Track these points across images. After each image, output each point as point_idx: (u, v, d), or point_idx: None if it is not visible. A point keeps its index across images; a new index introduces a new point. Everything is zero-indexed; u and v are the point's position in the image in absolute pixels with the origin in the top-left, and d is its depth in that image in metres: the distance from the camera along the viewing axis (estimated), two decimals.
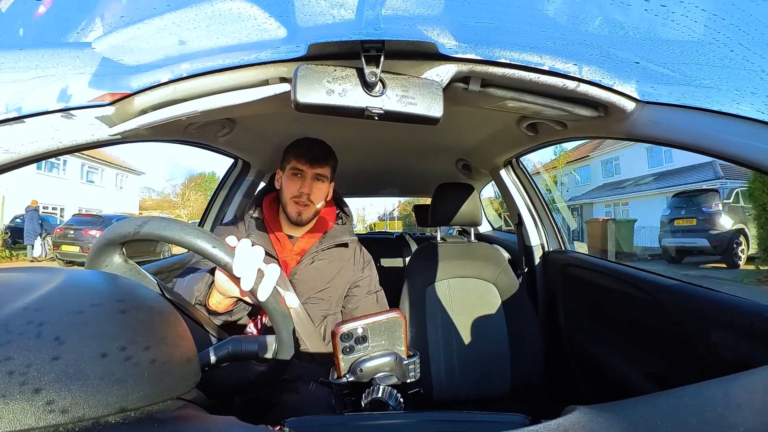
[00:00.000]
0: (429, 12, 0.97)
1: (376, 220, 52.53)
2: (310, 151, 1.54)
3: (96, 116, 1.01)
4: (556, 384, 2.19)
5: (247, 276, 0.74)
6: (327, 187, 1.61)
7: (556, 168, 30.63)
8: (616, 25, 0.94)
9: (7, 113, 0.93)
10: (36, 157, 1.02)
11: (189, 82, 1.03)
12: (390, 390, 0.72)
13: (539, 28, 1.02)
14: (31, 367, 0.41)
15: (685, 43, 0.89)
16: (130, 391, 0.45)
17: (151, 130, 1.16)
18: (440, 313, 1.98)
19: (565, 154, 30.80)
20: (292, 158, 1.54)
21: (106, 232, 0.75)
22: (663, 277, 1.57)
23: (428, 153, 2.78)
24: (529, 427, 0.46)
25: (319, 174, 1.55)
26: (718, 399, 0.48)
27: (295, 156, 1.54)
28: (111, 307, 0.52)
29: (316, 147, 1.58)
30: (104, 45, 0.97)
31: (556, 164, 30.67)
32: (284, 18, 0.94)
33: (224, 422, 0.48)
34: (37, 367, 0.41)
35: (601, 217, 19.68)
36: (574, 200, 28.95)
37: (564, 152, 30.72)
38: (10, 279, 0.54)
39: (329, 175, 1.60)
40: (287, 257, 1.57)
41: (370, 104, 0.91)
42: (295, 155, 1.54)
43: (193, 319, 0.82)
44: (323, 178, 1.57)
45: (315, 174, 1.54)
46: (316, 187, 1.55)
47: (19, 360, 0.41)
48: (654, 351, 1.54)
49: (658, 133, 1.05)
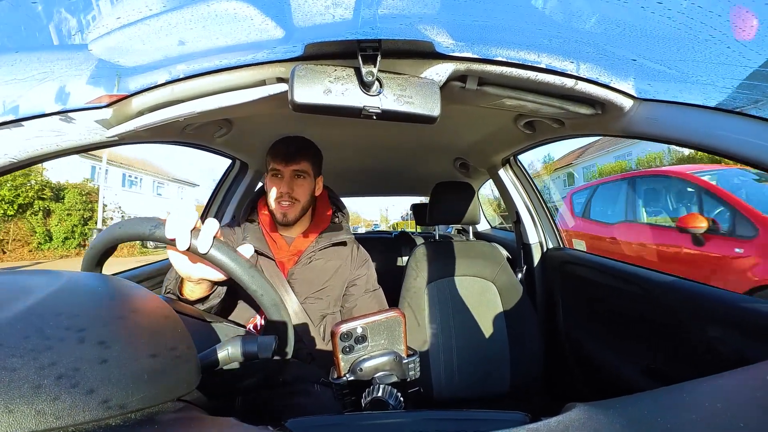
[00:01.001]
0: (425, 11, 0.97)
1: (399, 220, 52.72)
2: (283, 150, 1.53)
3: (94, 119, 1.01)
4: (556, 381, 2.19)
5: (180, 235, 0.75)
6: (309, 182, 1.59)
7: (540, 176, 31.83)
8: (612, 23, 0.94)
9: (5, 116, 0.93)
10: (35, 160, 1.02)
11: (186, 83, 1.03)
12: (390, 389, 0.72)
13: (536, 26, 1.03)
14: (79, 370, 0.42)
15: (682, 40, 0.89)
16: (165, 386, 0.49)
17: (149, 131, 1.16)
18: (439, 311, 1.98)
19: (552, 163, 32.21)
20: (270, 159, 1.54)
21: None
22: (661, 274, 1.57)
23: (426, 152, 2.78)
24: (530, 424, 0.46)
25: (297, 170, 1.53)
26: (716, 395, 0.48)
27: (272, 157, 1.53)
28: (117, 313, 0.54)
29: (291, 144, 1.56)
30: (101, 47, 0.97)
31: (542, 173, 31.66)
32: (281, 18, 0.94)
33: (224, 423, 0.48)
34: (87, 370, 0.43)
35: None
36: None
37: (552, 161, 32.12)
38: (19, 283, 0.55)
39: (310, 170, 1.57)
40: (283, 258, 1.57)
41: (368, 104, 0.91)
42: (272, 156, 1.53)
43: (191, 318, 0.83)
44: (303, 174, 1.55)
45: (293, 171, 1.53)
46: (296, 185, 1.54)
47: (66, 364, 0.42)
48: (653, 347, 1.54)
49: (655, 130, 1.05)
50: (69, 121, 0.98)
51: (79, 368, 0.43)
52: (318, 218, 1.69)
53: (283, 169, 1.52)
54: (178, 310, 0.76)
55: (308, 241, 1.60)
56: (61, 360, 0.42)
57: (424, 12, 0.97)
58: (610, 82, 1.03)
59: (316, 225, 1.66)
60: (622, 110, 1.09)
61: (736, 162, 0.88)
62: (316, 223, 1.67)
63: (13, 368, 0.40)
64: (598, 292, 1.94)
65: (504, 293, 2.02)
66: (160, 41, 0.97)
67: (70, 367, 0.42)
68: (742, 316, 1.18)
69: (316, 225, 1.66)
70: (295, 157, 1.52)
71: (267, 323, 0.87)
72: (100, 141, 1.07)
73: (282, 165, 1.51)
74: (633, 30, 0.94)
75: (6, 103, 0.93)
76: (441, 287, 2.02)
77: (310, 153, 1.59)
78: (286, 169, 1.52)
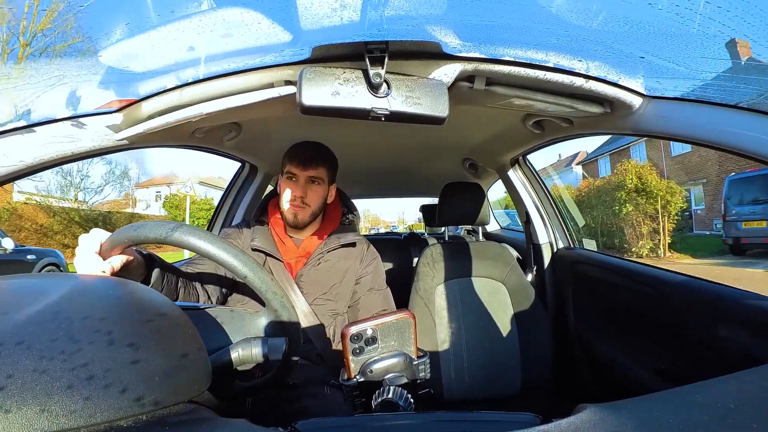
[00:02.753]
0: (432, 12, 0.97)
1: (416, 222, 52.75)
2: (301, 155, 1.53)
3: (105, 123, 1.02)
4: (567, 382, 2.18)
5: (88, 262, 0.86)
6: (323, 189, 1.59)
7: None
8: (620, 20, 0.93)
9: (17, 121, 0.94)
10: (48, 164, 1.04)
11: (195, 87, 1.04)
12: (400, 391, 0.72)
13: (543, 25, 1.02)
14: (111, 371, 0.44)
15: (691, 36, 0.88)
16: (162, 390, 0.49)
17: (159, 135, 1.17)
18: (449, 313, 1.97)
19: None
20: (287, 162, 1.54)
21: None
22: (673, 273, 1.55)
23: (434, 153, 2.77)
24: (540, 426, 0.46)
25: (312, 177, 1.54)
26: (729, 396, 0.47)
27: (289, 160, 1.54)
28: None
29: (309, 150, 1.56)
30: (111, 53, 0.98)
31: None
32: (288, 22, 0.94)
33: (235, 425, 0.48)
34: (118, 371, 0.44)
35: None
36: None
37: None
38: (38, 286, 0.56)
39: (325, 177, 1.57)
40: (291, 260, 1.57)
41: (376, 105, 0.91)
42: (289, 159, 1.54)
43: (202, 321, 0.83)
44: (318, 180, 1.55)
45: (308, 177, 1.53)
46: (310, 190, 1.54)
47: (98, 366, 0.44)
48: (665, 348, 1.53)
49: (665, 127, 1.04)
50: (80, 126, 0.99)
51: (110, 369, 0.44)
52: (328, 220, 1.69)
53: (299, 174, 1.52)
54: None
55: (317, 242, 1.60)
56: (94, 362, 0.44)
57: (430, 12, 0.97)
58: (619, 80, 1.03)
59: (326, 227, 1.66)
60: (632, 108, 1.08)
61: (750, 160, 0.87)
62: (325, 224, 1.67)
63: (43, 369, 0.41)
64: (609, 292, 1.92)
65: (514, 294, 2.00)
66: (168, 46, 0.98)
67: (102, 368, 0.44)
68: (755, 315, 1.16)
69: (326, 227, 1.66)
70: (312, 163, 1.53)
71: (274, 323, 0.87)
72: (111, 145, 1.08)
73: (298, 169, 1.52)
74: (641, 27, 0.94)
75: (17, 108, 0.94)
76: (451, 288, 2.01)
77: (327, 160, 1.59)
78: (302, 173, 1.52)
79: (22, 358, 0.41)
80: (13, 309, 0.48)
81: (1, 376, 0.39)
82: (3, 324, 0.45)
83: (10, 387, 0.39)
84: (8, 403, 0.38)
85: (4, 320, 0.46)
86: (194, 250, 0.77)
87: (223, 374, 0.75)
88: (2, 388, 0.38)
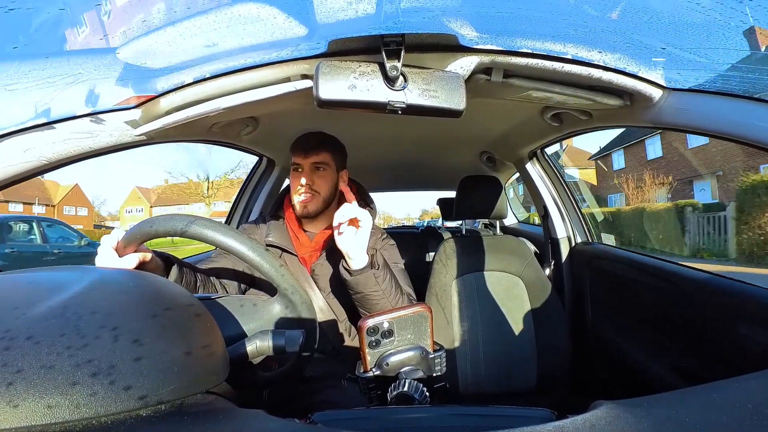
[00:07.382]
0: (448, 3, 0.96)
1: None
2: (303, 144, 1.54)
3: (123, 119, 1.04)
4: (583, 378, 2.16)
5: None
6: (330, 174, 1.58)
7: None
8: (639, 10, 0.92)
9: (37, 119, 0.96)
10: (68, 160, 1.05)
11: (212, 83, 1.04)
12: (416, 384, 0.72)
13: (561, 16, 1.01)
14: (115, 368, 0.44)
15: (712, 27, 0.86)
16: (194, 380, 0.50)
17: (177, 130, 1.18)
18: (466, 307, 1.97)
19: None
20: (292, 156, 1.55)
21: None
22: (694, 270, 1.52)
23: (452, 146, 2.76)
24: (556, 422, 0.46)
25: (316, 163, 1.53)
26: (749, 396, 0.47)
27: (293, 152, 1.54)
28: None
29: (310, 138, 1.57)
30: (128, 49, 0.99)
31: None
32: (303, 16, 0.94)
33: (252, 415, 0.49)
34: (122, 368, 0.44)
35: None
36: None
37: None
38: (54, 279, 0.57)
39: (330, 161, 1.57)
40: (305, 254, 1.58)
41: (393, 98, 0.91)
42: (293, 151, 1.54)
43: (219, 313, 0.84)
44: (323, 165, 1.54)
45: (312, 163, 1.53)
46: (316, 176, 1.53)
47: (102, 362, 0.44)
48: (684, 346, 1.50)
49: (686, 120, 1.02)
50: (99, 122, 1.01)
51: (115, 365, 0.44)
52: None
53: (303, 162, 1.52)
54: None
55: (330, 234, 1.60)
56: (98, 358, 0.44)
57: (446, 4, 0.96)
58: (639, 72, 1.01)
59: None
60: (651, 100, 1.07)
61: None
62: None
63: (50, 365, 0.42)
64: (627, 288, 1.90)
65: (531, 288, 1.99)
66: (185, 42, 0.99)
67: (107, 365, 0.44)
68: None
69: None
70: (313, 149, 1.53)
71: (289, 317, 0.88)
72: (130, 141, 1.10)
73: (301, 158, 1.52)
74: (661, 17, 0.92)
75: (37, 105, 0.96)
76: (468, 282, 2.01)
77: (329, 144, 1.59)
78: (305, 161, 1.52)
79: (31, 354, 0.42)
80: (25, 304, 0.49)
81: (12, 371, 0.40)
82: (16, 319, 0.46)
83: (19, 382, 0.39)
84: (16, 398, 0.38)
85: (17, 315, 0.47)
86: (211, 242, 0.79)
87: (240, 365, 0.76)
88: (11, 383, 0.39)
